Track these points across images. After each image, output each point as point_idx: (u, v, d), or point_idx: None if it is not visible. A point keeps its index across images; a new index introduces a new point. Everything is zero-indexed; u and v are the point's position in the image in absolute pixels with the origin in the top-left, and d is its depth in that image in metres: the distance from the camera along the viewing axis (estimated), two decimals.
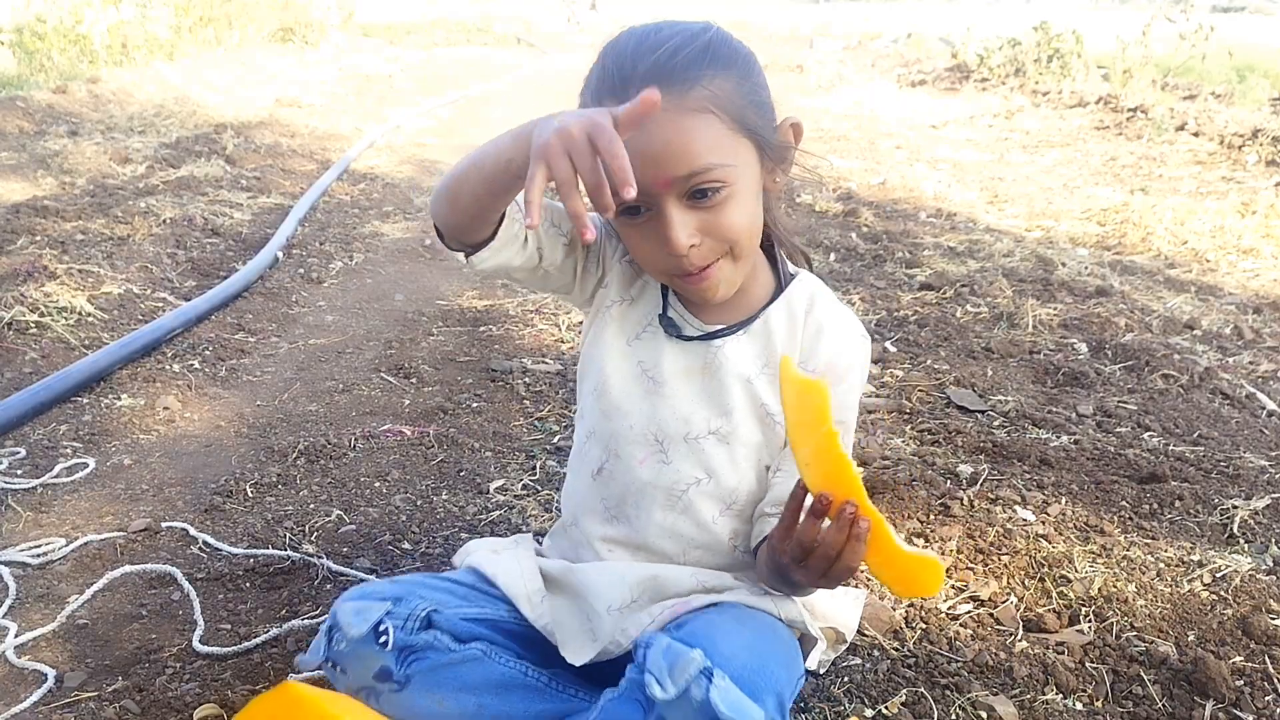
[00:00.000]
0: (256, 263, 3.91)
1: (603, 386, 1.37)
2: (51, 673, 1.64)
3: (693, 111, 1.17)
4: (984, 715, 1.52)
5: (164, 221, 4.41)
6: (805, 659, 1.40)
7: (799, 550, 1.07)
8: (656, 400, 1.34)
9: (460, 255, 1.26)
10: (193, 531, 2.10)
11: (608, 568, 1.36)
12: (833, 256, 4.30)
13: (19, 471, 2.34)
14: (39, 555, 2.00)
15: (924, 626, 1.73)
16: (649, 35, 1.22)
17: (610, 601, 1.30)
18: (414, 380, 2.99)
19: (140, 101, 7.70)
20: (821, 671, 1.59)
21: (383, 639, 1.22)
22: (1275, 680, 1.58)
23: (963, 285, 3.83)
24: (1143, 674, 1.61)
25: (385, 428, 2.63)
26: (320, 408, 2.79)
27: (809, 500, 1.07)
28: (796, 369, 1.05)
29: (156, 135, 6.50)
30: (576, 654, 1.28)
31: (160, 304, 3.51)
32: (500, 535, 2.16)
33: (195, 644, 1.73)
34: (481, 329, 3.44)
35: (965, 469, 2.30)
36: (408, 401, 2.83)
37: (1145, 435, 2.56)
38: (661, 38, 1.21)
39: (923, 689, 1.56)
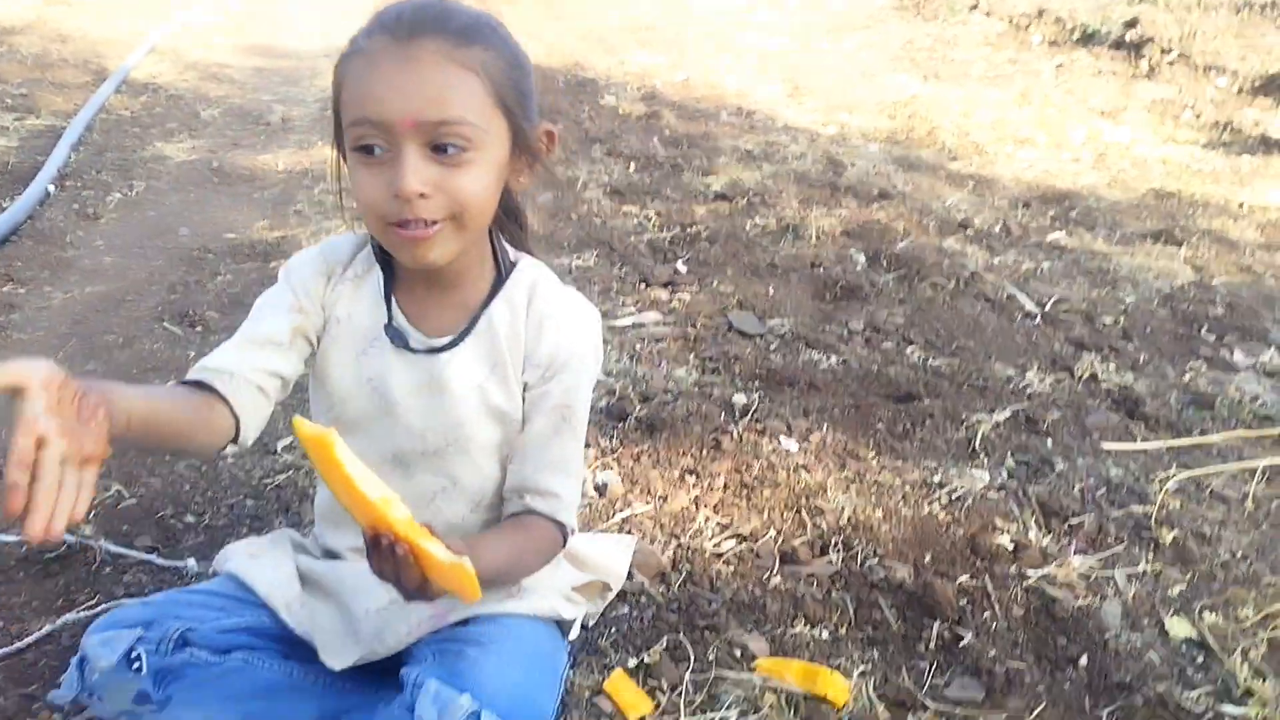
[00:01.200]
0: (24, 200, 3.67)
1: (338, 408, 1.37)
2: None
3: (461, 65, 1.16)
4: (738, 653, 1.66)
5: None
6: (570, 631, 1.49)
7: (379, 577, 1.12)
8: (390, 421, 1.35)
9: (229, 449, 1.24)
10: None
11: (365, 568, 1.39)
12: (632, 167, 4.34)
13: None
14: None
15: (689, 568, 1.85)
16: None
17: (368, 603, 1.35)
18: (200, 329, 2.91)
19: None
20: (590, 624, 1.69)
21: (136, 665, 1.24)
22: (991, 597, 1.77)
23: (755, 194, 3.94)
24: (881, 599, 1.78)
25: (169, 386, 2.57)
26: (99, 367, 2.69)
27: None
28: (305, 426, 1.06)
29: None
30: (337, 658, 1.33)
31: None
32: (286, 499, 2.19)
33: None
34: (273, 265, 3.35)
35: (739, 398, 2.42)
36: (193, 354, 2.76)
37: (908, 350, 2.74)
38: (447, 2, 1.22)
39: (682, 634, 1.69)
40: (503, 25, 1.27)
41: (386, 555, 1.07)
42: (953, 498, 2.05)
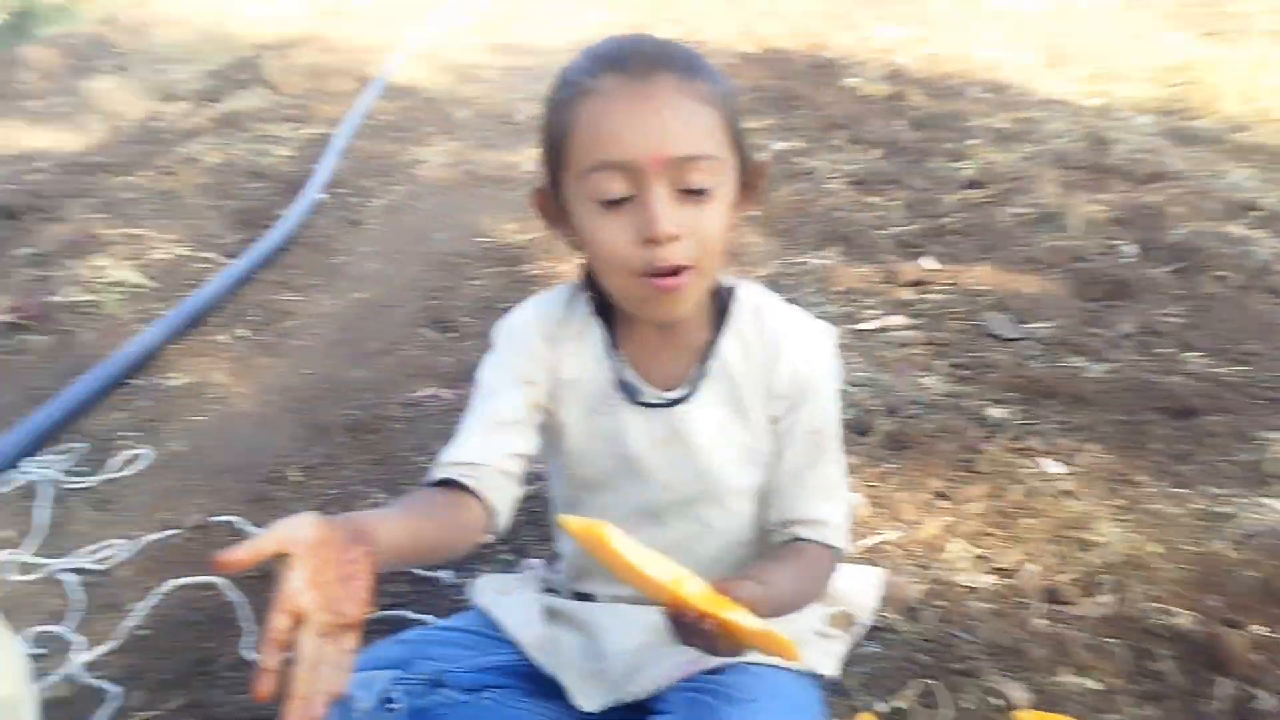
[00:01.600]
0: (298, 210, 3.93)
1: (576, 468, 1.36)
2: (118, 690, 1.73)
3: (696, 99, 1.13)
4: (997, 702, 1.55)
5: (208, 169, 4.45)
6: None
7: (689, 647, 1.07)
8: (634, 476, 1.32)
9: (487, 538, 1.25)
10: (237, 524, 2.18)
11: (620, 609, 1.38)
12: (877, 153, 4.19)
13: (82, 468, 2.43)
14: (102, 560, 2.10)
15: (943, 604, 1.75)
16: (639, 35, 1.20)
17: (621, 644, 1.33)
18: (454, 334, 3.03)
19: (180, 24, 7.68)
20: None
21: (392, 705, 1.28)
22: None
23: (1011, 179, 3.71)
24: (1159, 649, 1.62)
25: (427, 393, 2.69)
26: (365, 373, 2.84)
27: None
28: (574, 522, 1.03)
29: (200, 64, 6.51)
30: (587, 699, 1.32)
31: (207, 264, 3.56)
32: (532, 510, 2.22)
33: (244, 652, 1.83)
34: (520, 268, 3.45)
35: (995, 412, 2.28)
36: (448, 359, 2.87)
37: (1188, 356, 2.50)
38: (659, 37, 1.19)
39: (935, 678, 1.59)
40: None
41: (693, 631, 1.04)
42: (1243, 533, 1.85)
